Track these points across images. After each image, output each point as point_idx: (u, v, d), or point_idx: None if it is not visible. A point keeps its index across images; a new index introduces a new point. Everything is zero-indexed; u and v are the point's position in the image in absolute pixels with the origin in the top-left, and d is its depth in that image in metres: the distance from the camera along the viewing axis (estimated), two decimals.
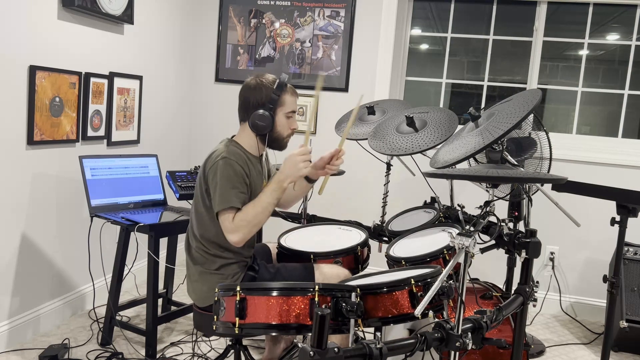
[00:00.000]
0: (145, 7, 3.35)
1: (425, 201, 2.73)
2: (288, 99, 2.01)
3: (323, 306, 1.47)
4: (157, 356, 2.57)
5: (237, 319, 1.52)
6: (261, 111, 1.96)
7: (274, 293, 1.50)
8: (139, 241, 2.69)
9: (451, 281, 1.52)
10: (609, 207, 2.42)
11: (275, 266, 2.12)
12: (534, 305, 1.83)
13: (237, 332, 1.52)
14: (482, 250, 1.94)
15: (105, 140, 3.12)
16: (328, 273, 2.05)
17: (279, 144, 2.06)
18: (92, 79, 2.94)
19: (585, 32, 3.55)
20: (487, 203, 1.68)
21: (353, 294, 1.50)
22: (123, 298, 2.84)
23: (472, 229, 1.48)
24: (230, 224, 1.88)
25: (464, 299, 1.40)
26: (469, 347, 1.42)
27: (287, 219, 2.78)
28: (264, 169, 2.14)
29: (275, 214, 2.68)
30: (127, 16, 3.10)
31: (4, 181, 2.49)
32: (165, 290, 3.00)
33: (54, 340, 2.71)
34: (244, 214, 1.90)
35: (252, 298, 1.52)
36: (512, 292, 1.82)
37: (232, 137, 2.08)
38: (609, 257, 3.42)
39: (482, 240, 1.98)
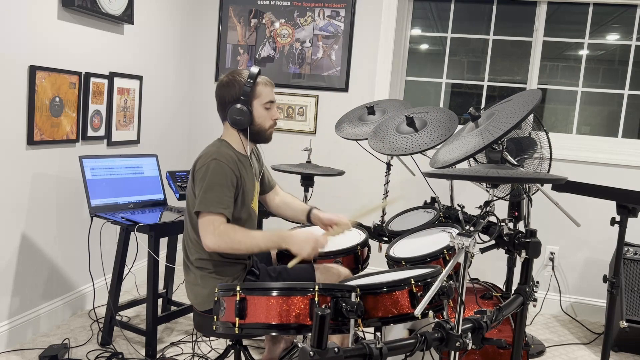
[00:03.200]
0: (145, 7, 3.35)
1: (425, 201, 2.73)
2: (262, 89, 2.00)
3: (323, 306, 1.47)
4: (157, 356, 2.57)
5: (237, 319, 1.52)
6: (238, 105, 1.96)
7: (274, 293, 1.50)
8: (139, 241, 2.69)
9: (451, 281, 1.52)
10: (609, 207, 2.42)
11: (276, 269, 2.11)
12: (534, 305, 1.83)
13: (237, 332, 1.52)
14: (482, 250, 1.94)
15: (105, 140, 3.12)
16: (328, 272, 2.05)
17: (262, 136, 2.05)
18: (92, 79, 2.94)
19: (585, 32, 3.55)
20: (487, 203, 1.68)
21: (353, 294, 1.50)
22: (123, 298, 2.84)
23: (472, 229, 1.48)
24: (216, 229, 1.84)
25: (464, 299, 1.40)
26: (469, 347, 1.42)
27: (287, 219, 2.77)
28: (254, 167, 2.12)
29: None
30: (127, 16, 3.10)
31: (4, 181, 2.49)
32: (165, 290, 3.00)
33: (54, 340, 2.71)
34: (234, 232, 1.87)
35: (252, 298, 1.52)
36: (512, 292, 1.82)
37: (220, 137, 2.08)
38: (609, 257, 3.42)
39: (482, 240, 1.98)
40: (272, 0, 3.83)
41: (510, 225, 2.19)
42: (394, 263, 2.06)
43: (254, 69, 1.98)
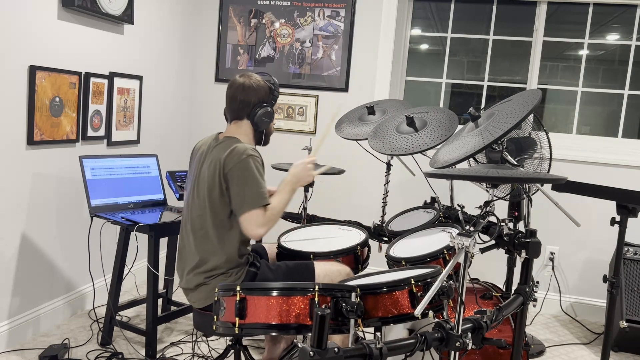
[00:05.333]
0: (145, 7, 3.35)
1: (425, 201, 2.73)
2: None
3: (323, 306, 1.47)
4: (157, 356, 2.57)
5: (237, 319, 1.52)
6: (266, 108, 2.05)
7: (274, 293, 1.50)
8: (139, 241, 2.69)
9: (451, 281, 1.52)
10: (609, 207, 2.42)
11: (276, 264, 2.13)
12: (534, 305, 1.83)
13: (237, 332, 1.52)
14: (482, 250, 1.95)
15: (105, 140, 3.12)
16: (329, 270, 2.06)
17: (268, 137, 2.18)
18: (92, 79, 2.94)
19: (585, 32, 3.55)
20: (487, 203, 1.68)
21: (353, 294, 1.50)
22: (123, 298, 2.84)
23: (472, 229, 1.48)
24: (263, 219, 1.94)
25: (464, 299, 1.40)
26: (469, 347, 1.42)
27: (287, 218, 2.78)
28: None
29: None
30: (127, 16, 3.10)
31: (4, 181, 2.49)
32: (165, 290, 3.00)
33: (54, 340, 2.71)
34: (272, 208, 1.99)
35: (252, 298, 1.52)
36: (512, 292, 1.82)
37: (219, 134, 2.10)
38: (609, 257, 3.42)
39: (482, 240, 1.98)
40: (272, 0, 3.83)
41: (510, 225, 2.19)
42: (394, 263, 2.06)
43: (266, 75, 2.11)
